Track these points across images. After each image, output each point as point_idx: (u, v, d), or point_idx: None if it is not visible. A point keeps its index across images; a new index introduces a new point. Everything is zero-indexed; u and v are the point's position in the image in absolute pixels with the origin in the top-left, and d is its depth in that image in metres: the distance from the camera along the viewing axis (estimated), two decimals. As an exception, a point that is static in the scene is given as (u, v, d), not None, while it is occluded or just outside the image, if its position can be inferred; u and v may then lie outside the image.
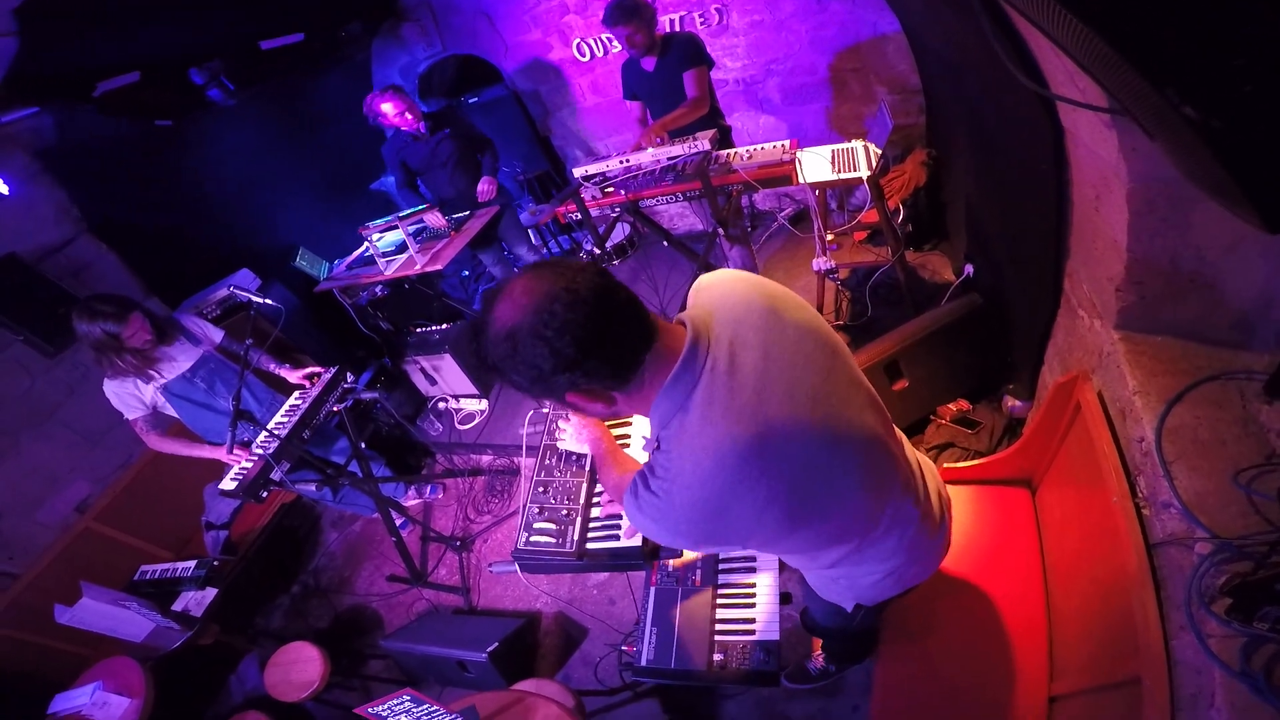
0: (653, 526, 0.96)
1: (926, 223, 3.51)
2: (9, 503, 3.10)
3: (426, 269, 3.26)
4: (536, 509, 1.75)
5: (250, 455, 2.59)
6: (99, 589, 2.49)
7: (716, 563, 1.90)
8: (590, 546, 1.68)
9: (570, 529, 1.69)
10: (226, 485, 2.56)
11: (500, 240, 4.12)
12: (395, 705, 1.61)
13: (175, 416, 2.72)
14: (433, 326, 3.89)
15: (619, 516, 1.71)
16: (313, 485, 2.86)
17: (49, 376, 3.26)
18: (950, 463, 2.23)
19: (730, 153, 2.96)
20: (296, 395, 2.95)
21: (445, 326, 3.85)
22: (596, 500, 1.78)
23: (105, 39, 2.71)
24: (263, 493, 2.56)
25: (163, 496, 3.51)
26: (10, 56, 2.41)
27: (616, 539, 1.68)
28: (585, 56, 4.28)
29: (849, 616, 1.36)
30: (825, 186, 2.87)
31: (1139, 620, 1.22)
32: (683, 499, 0.90)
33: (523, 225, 4.23)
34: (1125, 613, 1.27)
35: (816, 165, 2.78)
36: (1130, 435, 1.42)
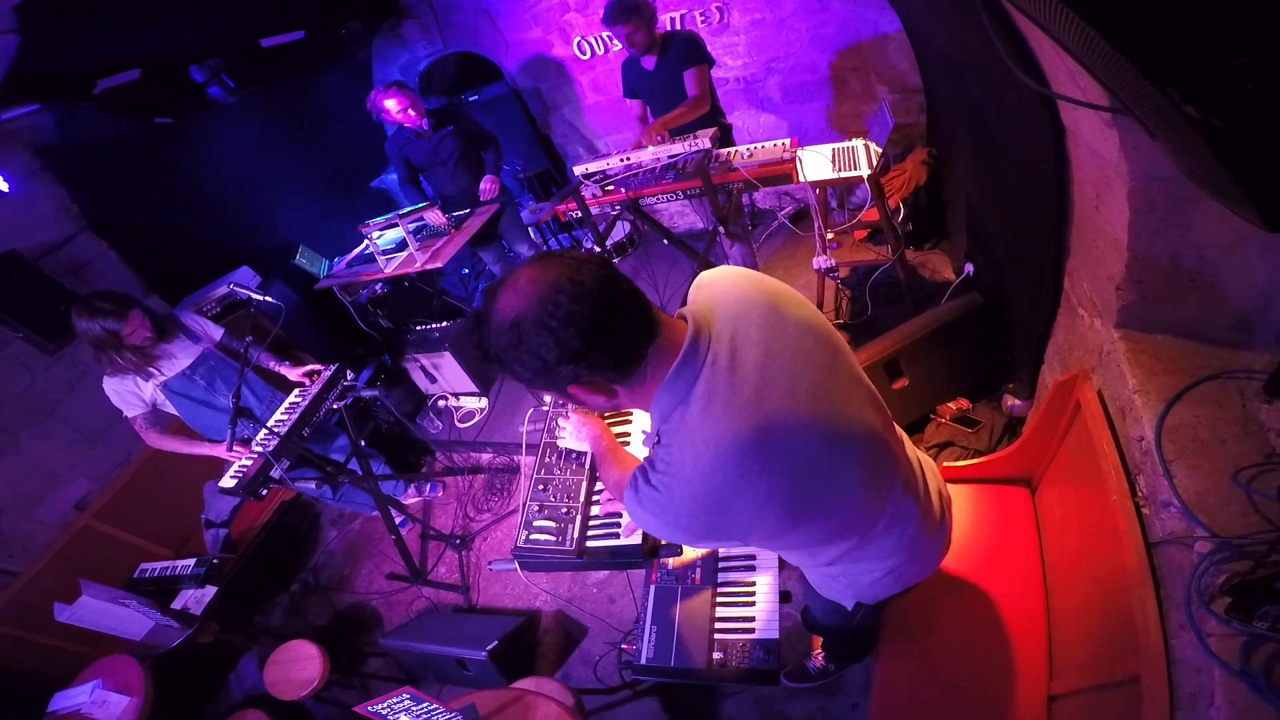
0: (653, 521, 0.95)
1: (927, 221, 3.51)
2: (9, 500, 3.10)
3: (426, 267, 3.26)
4: (536, 507, 1.75)
5: (250, 453, 2.59)
6: (98, 587, 2.49)
7: (716, 561, 1.90)
8: (590, 545, 1.69)
9: (570, 527, 1.69)
10: (226, 483, 2.56)
11: (501, 238, 4.11)
12: (395, 703, 1.61)
13: (175, 414, 2.72)
14: (433, 324, 3.89)
15: (619, 515, 1.71)
16: (312, 483, 2.86)
17: (49, 374, 3.26)
18: (950, 461, 2.24)
19: (731, 151, 2.96)
20: (296, 393, 2.95)
21: (445, 324, 3.85)
22: (596, 498, 1.78)
23: (106, 37, 2.71)
24: (262, 490, 2.57)
25: (162, 494, 3.51)
26: (11, 54, 2.41)
27: (616, 537, 1.68)
28: (586, 54, 4.27)
29: (849, 615, 1.36)
30: (826, 185, 2.87)
31: (1138, 619, 1.22)
32: (683, 493, 0.90)
33: (523, 223, 4.23)
34: (1125, 611, 1.27)
35: (817, 164, 2.78)
36: (1130, 434, 1.42)
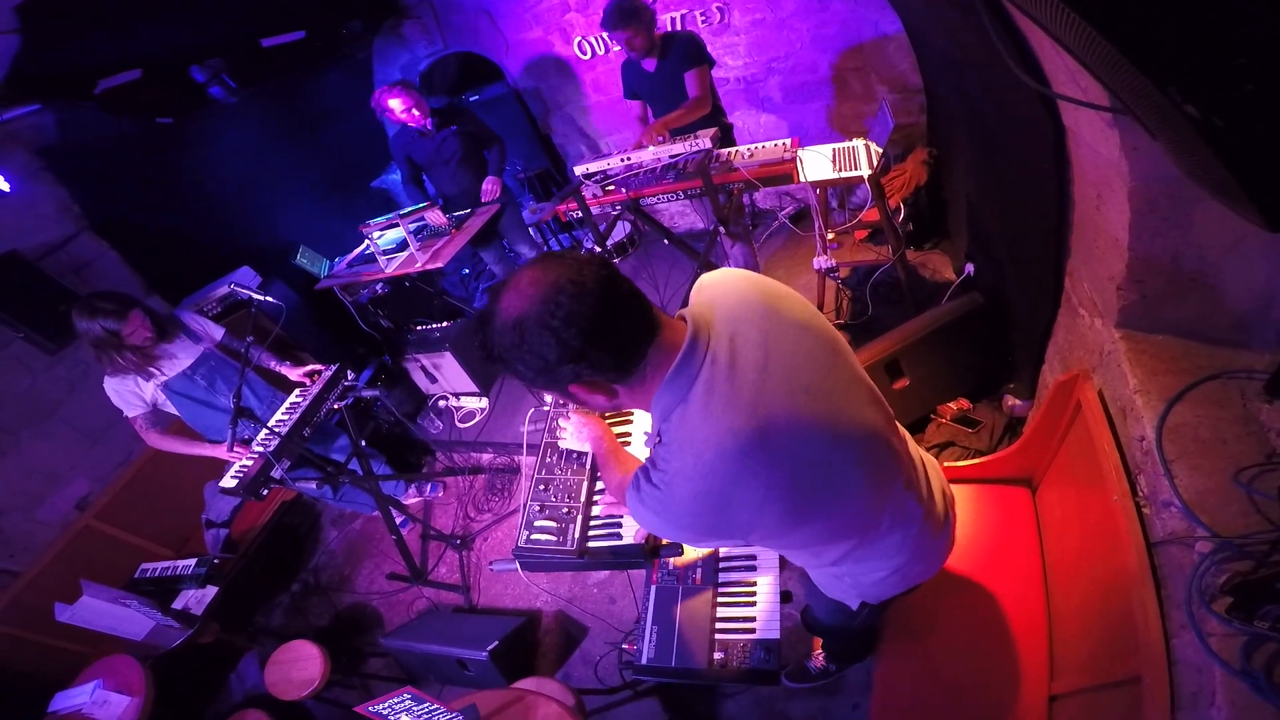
0: (655, 520, 0.96)
1: (927, 221, 3.51)
2: (9, 500, 3.10)
3: (427, 267, 3.26)
4: (537, 507, 1.75)
5: (251, 453, 2.59)
6: (99, 587, 2.49)
7: (717, 561, 1.90)
8: (591, 545, 1.69)
9: (571, 527, 1.69)
10: (227, 483, 2.56)
11: (502, 238, 4.11)
12: (396, 703, 1.61)
13: (176, 414, 2.72)
14: (433, 324, 3.89)
15: (620, 515, 1.71)
16: (313, 483, 2.86)
17: (50, 374, 3.26)
18: (950, 461, 2.24)
19: (731, 151, 2.95)
20: (297, 393, 2.96)
21: (446, 324, 3.85)
22: (597, 498, 1.78)
23: (106, 37, 2.71)
24: (263, 490, 2.57)
25: (163, 494, 3.51)
26: (12, 54, 2.41)
27: (618, 537, 1.68)
28: (586, 54, 4.27)
29: (853, 614, 1.36)
30: (826, 185, 2.87)
31: (1139, 619, 1.22)
32: (684, 491, 0.90)
33: (525, 222, 4.23)
34: (1126, 611, 1.27)
35: (818, 164, 2.78)
36: (1131, 434, 1.42)
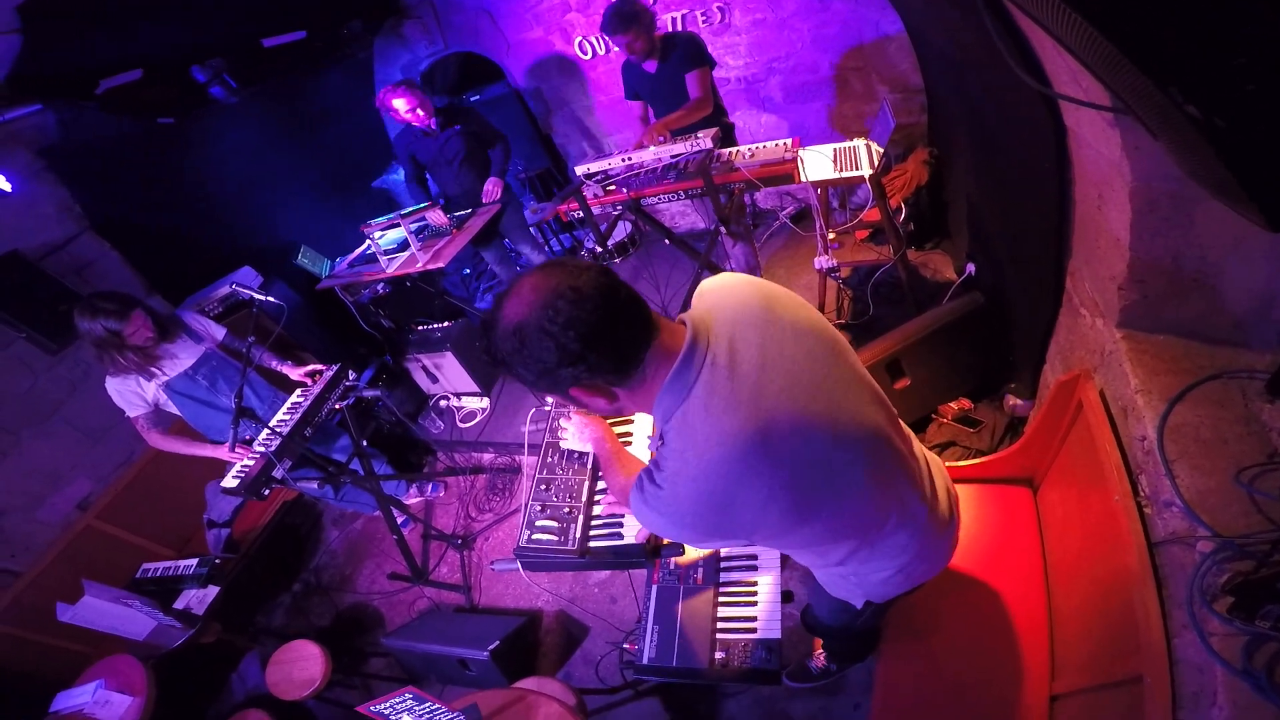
0: (660, 521, 0.97)
1: (928, 221, 3.51)
2: (11, 500, 3.10)
3: (428, 267, 3.26)
4: (539, 507, 1.76)
5: (252, 453, 2.60)
6: (101, 587, 2.49)
7: (718, 561, 1.90)
8: (593, 544, 1.69)
9: (573, 527, 1.69)
10: (228, 483, 2.56)
11: (503, 238, 4.11)
12: (398, 703, 1.61)
13: (177, 414, 2.73)
14: (434, 324, 3.90)
15: (621, 515, 1.72)
16: (314, 483, 2.86)
17: (51, 374, 3.26)
18: (952, 461, 2.23)
19: (732, 151, 2.95)
20: (298, 393, 2.96)
21: (447, 324, 3.86)
22: (599, 498, 1.78)
23: (108, 37, 2.71)
24: (264, 490, 2.57)
25: (164, 494, 3.51)
26: (13, 54, 2.42)
27: (619, 537, 1.68)
28: (587, 54, 4.27)
29: (857, 614, 1.37)
30: (827, 185, 2.87)
31: (1141, 618, 1.22)
32: (688, 491, 0.92)
33: (527, 221, 4.22)
34: (1127, 611, 1.27)
35: (818, 164, 2.78)
36: (1132, 434, 1.42)
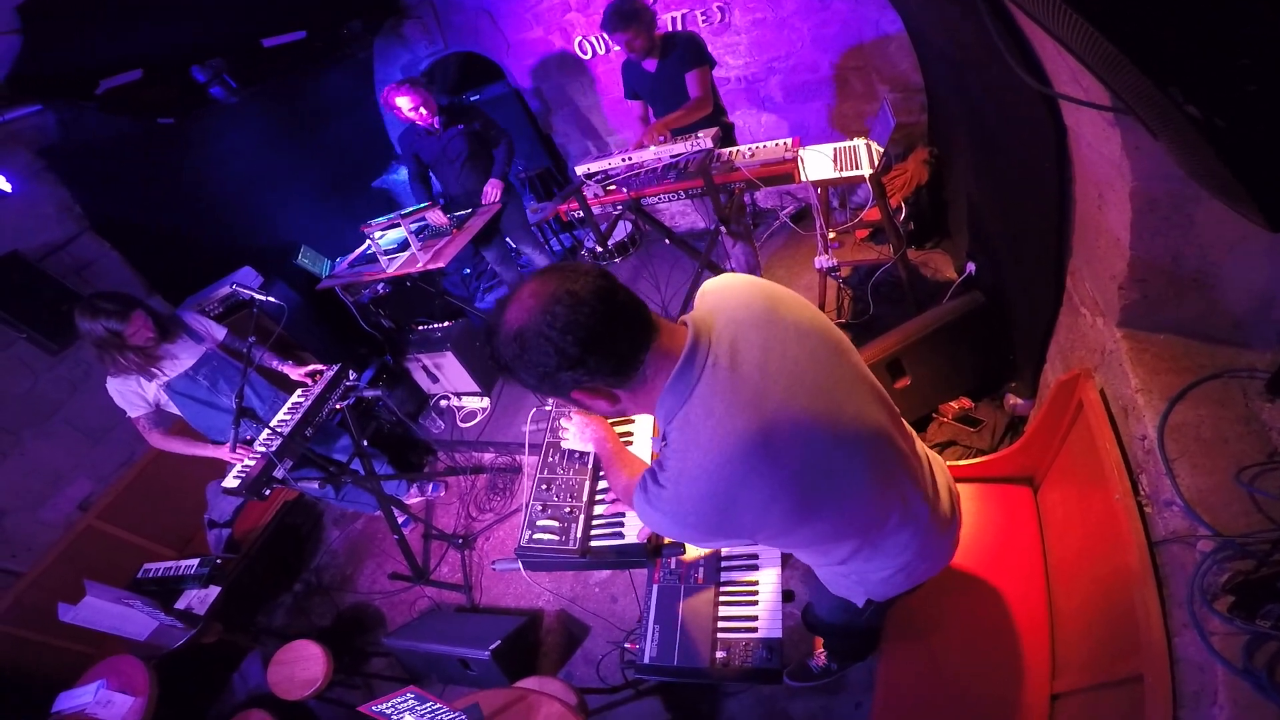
0: (663, 521, 0.97)
1: (928, 221, 3.51)
2: (12, 501, 3.11)
3: (428, 267, 3.26)
4: (540, 506, 1.76)
5: (253, 453, 2.60)
6: (102, 587, 2.49)
7: (719, 560, 1.90)
8: (594, 544, 1.69)
9: (574, 526, 1.70)
10: (229, 483, 2.56)
11: (504, 237, 4.11)
12: (399, 703, 1.61)
13: (178, 414, 2.73)
14: (434, 324, 3.90)
15: (622, 514, 1.72)
16: (315, 483, 2.86)
17: (52, 374, 3.26)
18: (952, 461, 2.23)
19: (732, 150, 2.95)
20: (299, 393, 2.96)
21: (447, 324, 3.86)
22: (600, 497, 1.78)
23: (108, 37, 2.71)
24: (265, 490, 2.57)
25: (165, 495, 3.51)
26: (13, 54, 2.42)
27: (620, 536, 1.68)
28: (587, 54, 4.27)
29: (858, 612, 1.37)
30: (827, 184, 2.86)
31: (1141, 618, 1.22)
32: (690, 491, 0.92)
33: (528, 221, 4.22)
34: (1127, 610, 1.27)
35: (819, 163, 2.77)
36: (1132, 433, 1.42)
